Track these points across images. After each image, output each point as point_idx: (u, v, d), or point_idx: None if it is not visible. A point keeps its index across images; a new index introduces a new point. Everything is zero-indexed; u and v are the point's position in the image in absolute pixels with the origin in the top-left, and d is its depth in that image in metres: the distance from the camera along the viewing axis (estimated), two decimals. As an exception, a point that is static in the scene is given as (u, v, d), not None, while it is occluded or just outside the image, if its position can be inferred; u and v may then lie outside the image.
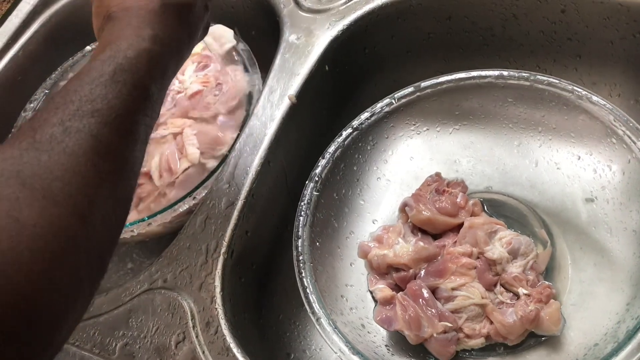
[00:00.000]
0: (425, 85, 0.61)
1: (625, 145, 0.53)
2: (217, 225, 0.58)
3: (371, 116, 0.61)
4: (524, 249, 0.55)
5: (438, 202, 0.59)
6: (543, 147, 0.61)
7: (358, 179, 0.62)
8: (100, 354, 0.54)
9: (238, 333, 0.53)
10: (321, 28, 0.68)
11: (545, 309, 0.52)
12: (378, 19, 0.69)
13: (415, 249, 0.56)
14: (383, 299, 0.55)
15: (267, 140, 0.62)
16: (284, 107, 0.64)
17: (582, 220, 0.58)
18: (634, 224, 0.53)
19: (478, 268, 0.55)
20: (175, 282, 0.56)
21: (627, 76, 0.65)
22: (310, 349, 0.61)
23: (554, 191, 0.60)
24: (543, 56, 0.68)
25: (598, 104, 0.54)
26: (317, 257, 0.55)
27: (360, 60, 0.72)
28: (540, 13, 0.65)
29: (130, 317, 0.56)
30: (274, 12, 0.72)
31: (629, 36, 0.62)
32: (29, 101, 0.77)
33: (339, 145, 0.60)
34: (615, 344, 0.46)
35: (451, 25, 0.70)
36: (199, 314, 0.54)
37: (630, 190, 0.54)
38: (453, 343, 0.52)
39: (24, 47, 0.83)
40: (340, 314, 0.54)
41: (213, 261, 0.56)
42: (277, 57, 0.68)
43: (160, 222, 0.63)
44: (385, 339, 0.55)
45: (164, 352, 0.53)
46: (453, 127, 0.64)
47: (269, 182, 0.62)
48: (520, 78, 0.58)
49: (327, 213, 0.59)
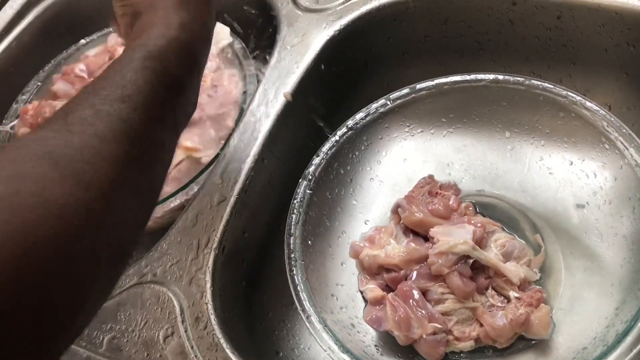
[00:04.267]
0: (421, 87, 0.61)
1: (618, 151, 0.53)
2: (208, 220, 0.58)
3: (366, 116, 0.61)
4: (517, 253, 0.55)
5: (430, 204, 0.59)
6: (536, 152, 0.61)
7: (351, 179, 0.62)
8: (87, 347, 0.54)
9: (227, 329, 0.53)
10: (318, 27, 0.68)
11: (535, 313, 0.52)
12: (375, 20, 0.69)
13: (406, 250, 0.56)
14: (373, 299, 0.55)
15: (261, 137, 0.62)
16: (278, 105, 0.64)
17: (573, 225, 0.58)
18: (625, 229, 0.53)
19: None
20: (165, 277, 0.56)
21: (620, 83, 0.65)
22: (299, 348, 0.61)
23: (545, 196, 0.60)
24: (538, 62, 0.69)
25: (592, 110, 0.55)
26: (309, 256, 0.55)
27: (356, 61, 0.72)
28: (536, 19, 0.65)
29: (118, 310, 0.55)
30: (272, 11, 0.72)
31: (623, 44, 0.63)
32: (22, 93, 0.77)
33: (333, 144, 0.60)
34: (605, 347, 0.46)
35: (447, 29, 0.70)
36: (188, 309, 0.54)
37: (622, 196, 0.54)
38: (442, 345, 0.52)
39: (18, 39, 0.82)
40: (330, 312, 0.53)
41: (204, 256, 0.56)
42: (274, 55, 0.68)
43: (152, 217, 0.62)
44: (374, 339, 0.55)
45: (152, 347, 0.52)
46: (447, 130, 0.64)
47: (262, 179, 0.62)
48: (515, 82, 0.58)
49: (319, 212, 0.59)
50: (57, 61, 0.79)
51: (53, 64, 0.79)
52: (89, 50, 0.79)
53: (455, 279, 0.53)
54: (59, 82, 0.76)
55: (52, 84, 0.76)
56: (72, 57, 0.79)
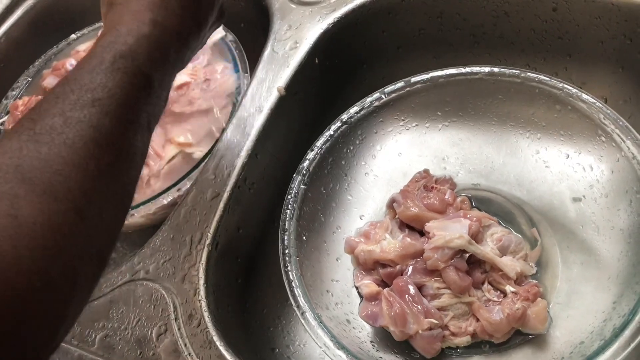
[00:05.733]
0: (416, 80, 0.60)
1: (615, 143, 0.53)
2: (201, 216, 0.57)
3: (360, 110, 0.60)
4: (513, 247, 0.55)
5: (426, 198, 0.59)
6: (532, 145, 0.61)
7: (346, 173, 0.62)
8: (79, 345, 0.53)
9: (221, 326, 0.52)
10: (312, 21, 0.68)
11: (532, 307, 0.52)
12: (369, 13, 0.69)
13: (402, 245, 0.56)
14: (369, 294, 0.55)
15: (254, 132, 0.61)
16: (272, 99, 0.63)
17: (569, 218, 0.58)
18: (622, 222, 0.53)
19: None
20: (158, 274, 0.55)
21: (617, 76, 0.65)
22: (294, 344, 0.60)
23: (542, 189, 0.60)
24: (533, 54, 0.68)
25: (588, 102, 0.54)
26: (303, 251, 0.55)
27: (351, 54, 0.71)
28: (531, 11, 0.65)
29: (110, 308, 0.54)
30: (265, 4, 0.71)
31: (620, 36, 0.63)
32: (11, 88, 0.76)
33: (327, 138, 0.59)
34: (602, 341, 0.45)
35: (442, 22, 0.69)
36: (181, 306, 0.53)
37: (618, 189, 0.54)
38: (438, 340, 0.52)
39: (7, 34, 0.81)
40: (325, 308, 0.53)
41: (197, 253, 0.55)
42: (267, 48, 0.67)
43: (144, 214, 0.62)
44: (370, 334, 0.55)
45: (145, 344, 0.52)
46: (442, 124, 0.64)
47: (255, 174, 0.61)
48: (511, 75, 0.58)
49: (314, 207, 0.58)
50: (47, 56, 0.78)
51: (43, 59, 0.78)
52: (80, 45, 0.78)
53: (451, 274, 0.53)
54: (49, 77, 0.75)
55: (42, 80, 0.76)
56: (62, 52, 0.78)
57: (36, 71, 0.77)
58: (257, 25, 0.73)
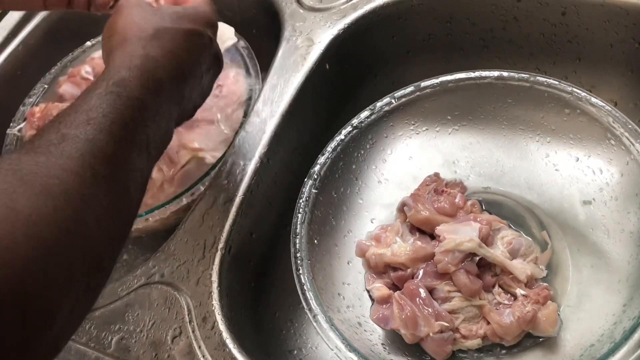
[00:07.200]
0: (425, 85, 0.61)
1: (624, 147, 0.53)
2: (215, 221, 0.58)
3: (371, 115, 0.61)
4: (524, 250, 0.55)
5: (436, 202, 0.59)
6: (542, 149, 0.61)
7: (357, 177, 0.62)
8: (96, 347, 0.54)
9: (234, 329, 0.53)
10: (322, 26, 0.69)
11: (542, 310, 0.52)
12: (379, 18, 0.69)
13: (413, 249, 0.56)
14: (380, 297, 0.55)
15: (266, 137, 0.62)
16: (284, 105, 0.64)
17: (579, 221, 0.58)
18: (632, 225, 0.53)
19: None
20: (173, 277, 0.56)
21: (626, 79, 0.65)
22: (307, 347, 0.61)
23: (552, 192, 0.60)
24: (543, 58, 0.68)
25: (597, 106, 0.54)
26: (315, 255, 0.55)
27: (361, 59, 0.72)
28: (540, 15, 0.65)
29: (126, 311, 0.55)
30: (276, 10, 0.72)
31: (629, 39, 0.63)
32: (28, 96, 0.77)
33: (338, 143, 0.60)
34: (612, 344, 0.45)
35: (452, 27, 0.70)
36: (195, 309, 0.54)
37: (628, 192, 0.54)
38: (449, 343, 0.52)
39: (24, 42, 0.83)
40: (337, 311, 0.53)
41: (210, 257, 0.56)
42: (278, 55, 0.68)
43: (158, 218, 0.63)
44: (381, 337, 0.55)
45: (160, 347, 0.53)
46: (452, 128, 0.64)
47: (267, 179, 0.62)
48: (520, 79, 0.58)
49: (325, 211, 0.59)
50: (63, 63, 0.79)
51: (59, 67, 0.79)
52: (95, 53, 0.79)
53: (462, 277, 0.53)
54: (65, 84, 0.76)
55: (58, 86, 0.77)
56: (77, 59, 0.79)
57: (52, 78, 0.78)
58: (268, 32, 0.74)
